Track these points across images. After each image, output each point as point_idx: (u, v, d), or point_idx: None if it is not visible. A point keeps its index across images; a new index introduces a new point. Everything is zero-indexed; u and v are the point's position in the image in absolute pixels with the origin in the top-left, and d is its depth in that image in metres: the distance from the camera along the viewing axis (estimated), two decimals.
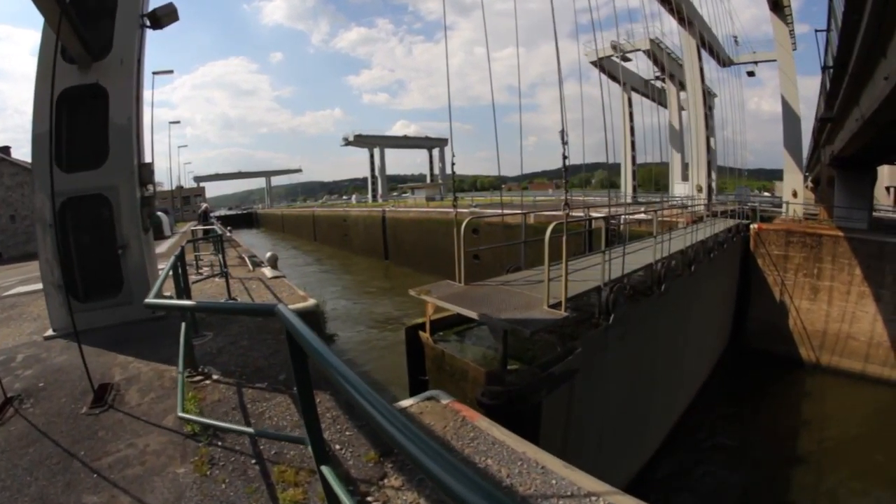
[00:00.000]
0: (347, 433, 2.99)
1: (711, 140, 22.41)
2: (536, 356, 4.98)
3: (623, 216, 11.04)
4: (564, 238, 4.79)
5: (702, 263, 10.10)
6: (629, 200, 27.26)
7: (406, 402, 3.62)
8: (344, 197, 72.69)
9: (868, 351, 12.24)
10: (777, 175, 36.08)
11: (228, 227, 14.24)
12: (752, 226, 14.80)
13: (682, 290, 8.93)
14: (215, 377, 3.86)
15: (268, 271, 9.53)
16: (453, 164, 6.88)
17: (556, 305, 4.74)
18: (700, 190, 20.89)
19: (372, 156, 51.82)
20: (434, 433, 3.14)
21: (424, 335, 5.49)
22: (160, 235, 18.51)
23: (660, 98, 29.41)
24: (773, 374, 12.50)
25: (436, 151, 54.55)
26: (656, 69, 29.37)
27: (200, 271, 9.42)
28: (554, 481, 2.55)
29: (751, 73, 25.04)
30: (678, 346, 9.45)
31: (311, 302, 6.91)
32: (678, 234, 9.75)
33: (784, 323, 13.86)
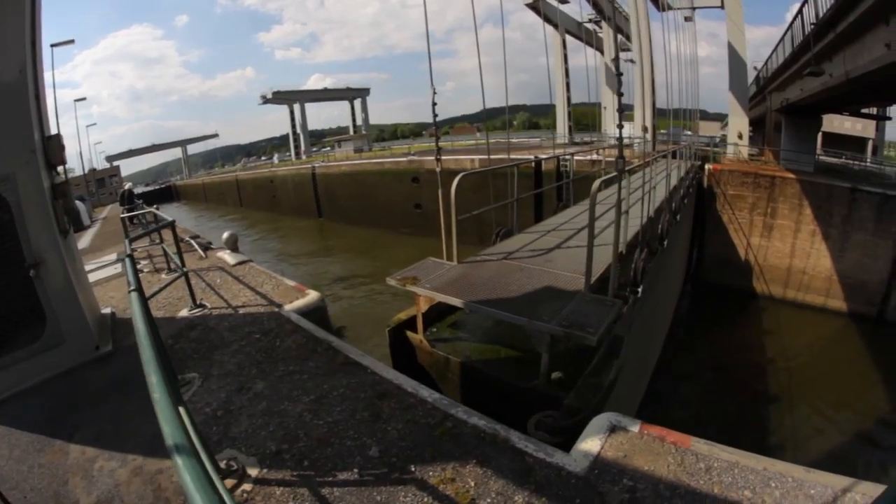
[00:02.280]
0: None
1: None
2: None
3: (624, 161, 10.42)
4: (597, 187, 3.79)
5: (682, 209, 9.95)
6: (565, 141, 27.62)
7: (589, 445, 2.44)
8: (263, 157, 68.34)
9: (816, 284, 13.25)
10: (706, 116, 38.18)
11: (155, 206, 11.67)
12: (706, 166, 15.12)
13: (670, 240, 8.72)
14: (254, 472, 2.40)
15: (228, 256, 7.60)
16: (434, 106, 5.18)
17: (594, 287, 3.81)
18: (646, 130, 21.10)
19: (292, 112, 49.33)
20: (665, 481, 2.17)
21: (416, 337, 4.25)
22: (78, 227, 15.08)
23: (589, 39, 29.25)
24: (729, 305, 13.46)
25: (357, 102, 52.28)
26: (592, 13, 29.14)
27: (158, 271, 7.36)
28: (814, 492, 2.06)
29: (688, 19, 25.19)
30: (664, 293, 9.38)
31: (313, 295, 5.44)
32: (652, 179, 9.40)
33: (738, 258, 14.70)
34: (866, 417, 8.25)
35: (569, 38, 29.56)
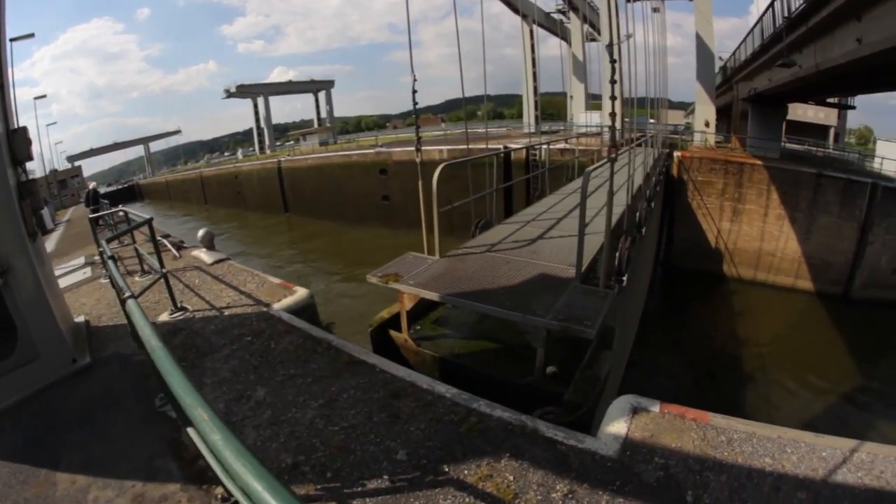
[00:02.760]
0: None
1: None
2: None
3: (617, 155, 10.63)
4: (589, 175, 3.68)
5: (657, 196, 10.23)
6: (532, 130, 28.03)
7: (615, 428, 2.46)
8: (226, 153, 66.82)
9: (785, 265, 13.87)
10: (670, 105, 39.29)
11: (120, 207, 11.04)
12: (675, 154, 15.53)
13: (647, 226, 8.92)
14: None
15: (205, 255, 7.21)
16: (414, 94, 5.03)
17: (585, 278, 3.81)
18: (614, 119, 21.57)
19: (256, 106, 48.44)
20: (693, 456, 2.23)
21: (401, 336, 4.11)
22: (42, 231, 14.25)
23: (555, 29, 29.95)
24: (700, 288, 13.91)
25: (322, 95, 51.88)
26: (560, 2, 29.61)
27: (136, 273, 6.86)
28: (825, 454, 2.22)
29: (655, 10, 25.83)
30: (639, 280, 9.60)
31: (302, 292, 5.22)
32: (624, 166, 9.63)
33: (708, 243, 15.16)
34: (837, 383, 8.74)
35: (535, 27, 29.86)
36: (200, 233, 7.65)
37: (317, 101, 52.31)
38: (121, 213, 8.64)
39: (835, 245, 12.61)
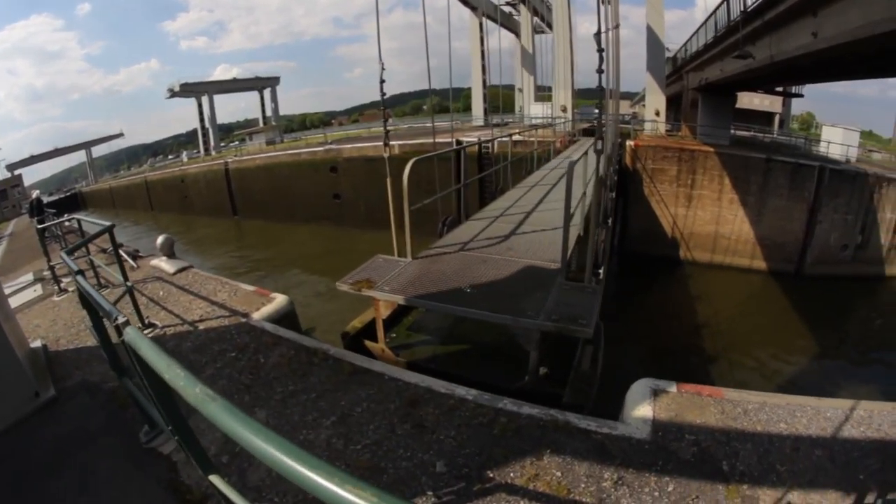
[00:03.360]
0: None
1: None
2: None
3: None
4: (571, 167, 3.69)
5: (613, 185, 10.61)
6: (482, 123, 28.59)
7: (641, 411, 2.50)
8: (170, 156, 64.29)
9: (739, 247, 14.73)
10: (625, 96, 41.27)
11: (74, 215, 10.16)
12: (628, 143, 16.07)
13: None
14: None
15: (165, 263, 6.62)
16: (382, 84, 4.94)
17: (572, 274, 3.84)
18: (564, 110, 21.95)
19: (200, 105, 47.06)
20: (718, 429, 2.37)
21: (377, 347, 3.95)
22: None
23: (505, 22, 30.31)
24: (658, 273, 14.35)
25: (267, 92, 51.43)
26: None
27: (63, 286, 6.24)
28: (829, 413, 2.48)
29: (604, 1, 26.79)
30: None
31: (280, 299, 4.93)
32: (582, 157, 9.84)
33: (663, 229, 15.73)
34: (797, 351, 9.42)
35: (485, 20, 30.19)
36: (159, 240, 7.05)
37: (262, 98, 51.75)
38: (71, 223, 7.91)
39: (786, 226, 13.53)
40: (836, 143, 16.81)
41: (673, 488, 2.01)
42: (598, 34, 3.76)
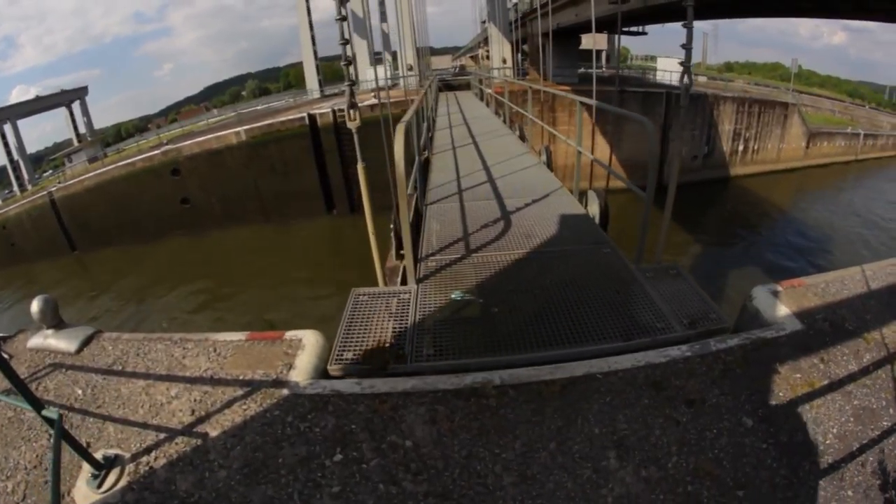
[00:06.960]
0: None
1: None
2: None
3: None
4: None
5: None
6: (317, 96, 29.56)
7: (779, 311, 2.87)
8: None
9: (604, 172, 17.41)
10: (434, 52, 44.35)
11: None
12: (486, 90, 17.22)
13: None
14: None
15: (58, 340, 2.96)
16: (348, 66, 4.65)
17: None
18: (410, 69, 23.97)
19: (3, 135, 37.68)
20: (825, 307, 2.88)
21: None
22: None
23: None
24: None
25: (76, 106, 43.44)
26: None
27: None
28: (859, 277, 3.16)
29: None
30: None
31: (310, 336, 3.73)
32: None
33: None
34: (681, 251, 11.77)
35: None
36: (34, 305, 3.55)
37: (71, 114, 43.12)
38: None
39: (643, 147, 16.36)
40: (670, 70, 20.38)
41: (848, 351, 2.51)
42: None
